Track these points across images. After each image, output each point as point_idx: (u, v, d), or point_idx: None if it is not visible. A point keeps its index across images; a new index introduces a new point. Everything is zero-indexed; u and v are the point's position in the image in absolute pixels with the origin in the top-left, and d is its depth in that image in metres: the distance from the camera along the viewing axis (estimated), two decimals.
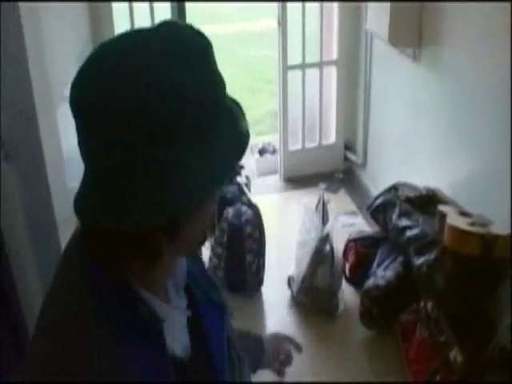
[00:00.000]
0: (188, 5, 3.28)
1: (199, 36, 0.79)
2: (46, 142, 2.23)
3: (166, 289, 0.93)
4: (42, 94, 2.20)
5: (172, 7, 3.79)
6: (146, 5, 3.96)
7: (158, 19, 3.05)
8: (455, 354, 2.43)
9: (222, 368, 0.98)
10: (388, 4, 3.31)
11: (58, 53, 2.69)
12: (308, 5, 4.33)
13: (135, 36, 0.76)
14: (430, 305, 2.62)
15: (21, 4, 2.00)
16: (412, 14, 3.31)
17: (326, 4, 4.33)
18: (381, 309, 2.94)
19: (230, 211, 3.40)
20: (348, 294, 3.30)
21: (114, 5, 3.93)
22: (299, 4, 4.29)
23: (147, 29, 0.78)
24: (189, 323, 0.95)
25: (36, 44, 2.22)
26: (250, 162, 4.64)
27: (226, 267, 3.33)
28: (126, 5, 3.96)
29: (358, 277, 3.28)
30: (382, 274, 3.01)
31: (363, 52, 4.25)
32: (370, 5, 3.72)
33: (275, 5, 4.27)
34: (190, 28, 0.79)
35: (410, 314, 2.82)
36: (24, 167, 2.20)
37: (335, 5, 4.33)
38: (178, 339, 0.91)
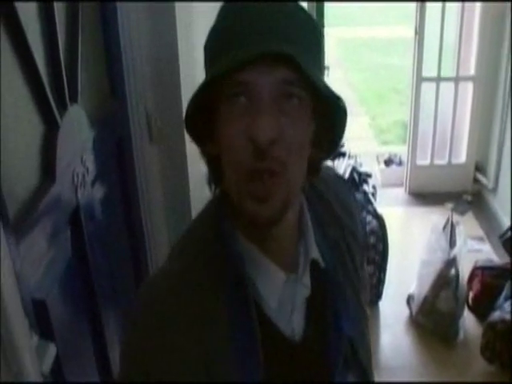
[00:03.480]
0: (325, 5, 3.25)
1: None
2: None
3: (293, 259, 0.90)
4: (187, 77, 2.28)
5: (308, 6, 3.79)
6: None
7: None
8: None
9: (337, 363, 0.92)
10: None
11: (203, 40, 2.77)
12: (447, 16, 4.19)
13: None
14: None
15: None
16: None
17: (466, 16, 4.17)
18: (505, 344, 2.79)
19: None
20: (469, 322, 3.16)
21: None
22: (438, 14, 4.16)
23: None
24: (309, 308, 0.91)
25: (186, 33, 2.33)
26: (374, 171, 4.57)
27: None
28: None
29: (481, 306, 3.14)
30: (510, 308, 2.87)
31: (503, 70, 4.04)
32: None
33: (413, 13, 4.17)
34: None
35: None
36: (167, 149, 2.28)
37: (476, 17, 4.16)
38: (275, 302, 0.87)
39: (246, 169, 0.78)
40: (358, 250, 1.04)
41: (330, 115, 0.85)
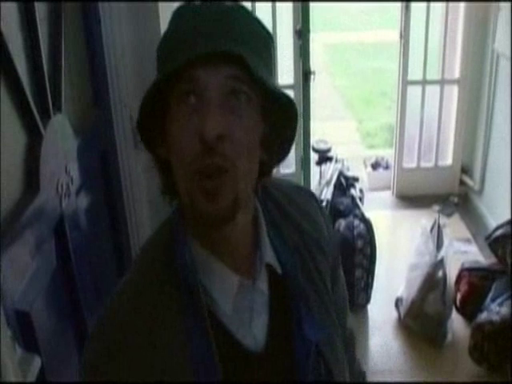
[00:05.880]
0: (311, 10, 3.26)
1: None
2: None
3: (250, 264, 0.91)
4: None
5: (294, 7, 3.77)
6: (269, 5, 3.90)
7: (280, 20, 3.10)
8: None
9: (303, 370, 0.91)
10: None
11: None
12: (432, 19, 4.20)
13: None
14: None
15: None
16: None
17: (450, 18, 4.19)
18: (493, 345, 2.80)
19: (341, 223, 3.36)
20: (457, 324, 3.17)
21: None
22: (423, 17, 4.18)
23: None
24: (271, 315, 0.91)
25: None
26: (362, 175, 4.58)
27: None
28: (248, 4, 3.97)
29: (468, 308, 3.15)
30: (497, 309, 2.87)
31: (488, 72, 4.05)
32: (500, 23, 3.55)
33: (398, 16, 4.19)
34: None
35: None
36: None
37: (460, 21, 4.18)
38: (229, 307, 0.87)
39: (195, 167, 0.79)
40: (325, 260, 1.01)
41: (281, 117, 0.87)
